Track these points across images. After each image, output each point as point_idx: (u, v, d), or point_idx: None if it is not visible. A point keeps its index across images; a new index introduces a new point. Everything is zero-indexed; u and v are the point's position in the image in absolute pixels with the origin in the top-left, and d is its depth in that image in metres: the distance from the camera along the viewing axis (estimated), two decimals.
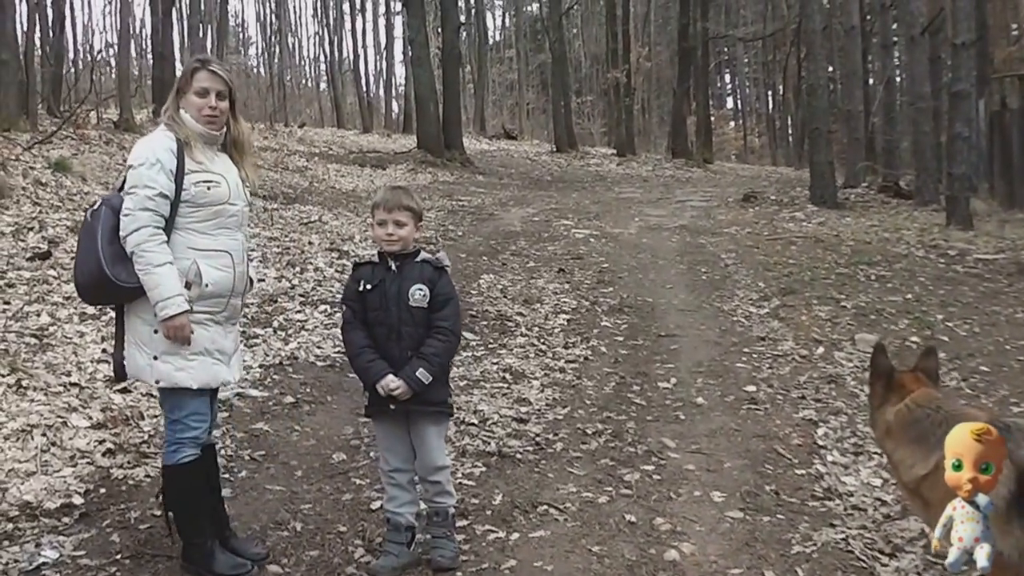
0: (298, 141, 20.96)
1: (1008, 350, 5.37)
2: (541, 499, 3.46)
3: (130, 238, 2.67)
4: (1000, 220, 11.45)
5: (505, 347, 5.74)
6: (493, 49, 43.07)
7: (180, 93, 2.84)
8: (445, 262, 2.99)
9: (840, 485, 3.55)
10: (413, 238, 2.95)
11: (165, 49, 16.76)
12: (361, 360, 2.91)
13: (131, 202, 2.69)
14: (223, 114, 2.86)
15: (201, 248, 2.76)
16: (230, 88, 2.88)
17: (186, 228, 2.76)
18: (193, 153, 2.77)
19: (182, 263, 2.72)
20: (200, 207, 2.76)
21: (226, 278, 2.81)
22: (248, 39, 46.59)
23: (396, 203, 2.92)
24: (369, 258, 3.06)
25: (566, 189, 17.39)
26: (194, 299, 2.73)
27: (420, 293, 2.89)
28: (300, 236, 8.83)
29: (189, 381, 2.76)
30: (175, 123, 2.81)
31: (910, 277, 7.69)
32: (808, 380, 4.99)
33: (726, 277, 8.06)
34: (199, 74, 2.82)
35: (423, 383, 2.84)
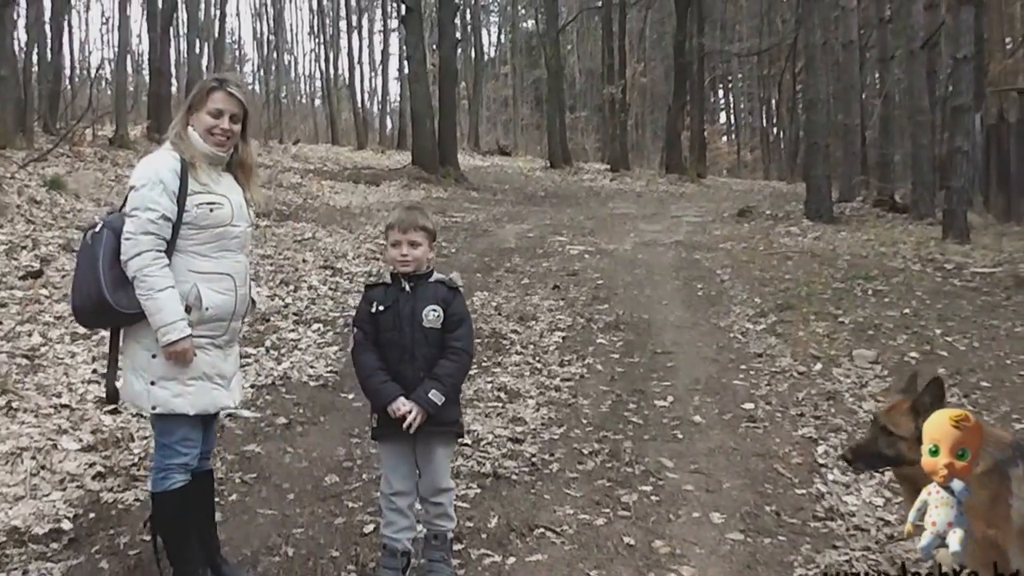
0: (292, 158, 21.00)
1: (1009, 365, 5.33)
2: (538, 521, 3.40)
3: (132, 262, 2.61)
4: (996, 233, 11.48)
5: (500, 365, 5.68)
6: (488, 65, 43.31)
7: (192, 110, 2.77)
8: (459, 282, 2.97)
9: (842, 505, 3.49)
10: (427, 258, 2.91)
11: (162, 65, 16.81)
12: (373, 382, 2.87)
13: (133, 225, 2.63)
14: (233, 136, 2.79)
15: (202, 271, 2.70)
16: (245, 111, 2.81)
17: (187, 251, 2.70)
18: (197, 174, 2.71)
19: (183, 286, 2.66)
20: (202, 229, 2.70)
21: (227, 301, 2.75)
22: (244, 56, 46.80)
23: (412, 223, 2.88)
24: (381, 279, 3.01)
25: (560, 205, 17.40)
26: (194, 323, 2.67)
27: (434, 314, 2.85)
28: (294, 254, 8.80)
29: (186, 407, 2.70)
30: (180, 141, 2.74)
31: (907, 291, 7.67)
32: (807, 397, 4.94)
33: (722, 293, 8.03)
34: (216, 94, 2.74)
35: (436, 404, 2.81)
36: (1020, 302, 7.21)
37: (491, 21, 49.63)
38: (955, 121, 11.72)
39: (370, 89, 42.58)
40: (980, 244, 10.40)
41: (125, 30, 17.37)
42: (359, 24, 39.46)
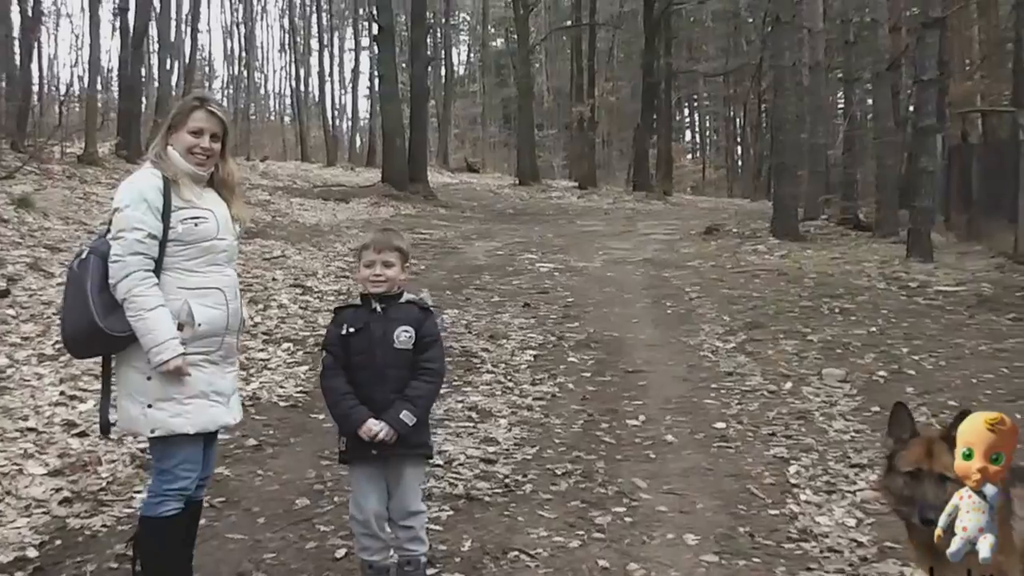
0: (261, 175, 20.85)
1: (975, 384, 5.43)
2: (512, 544, 3.37)
3: (120, 285, 2.58)
4: (959, 252, 11.75)
5: (471, 384, 5.65)
6: (458, 84, 43.58)
7: (172, 130, 2.76)
8: (430, 302, 2.98)
9: (815, 526, 3.51)
10: (399, 279, 2.91)
11: (133, 82, 16.64)
12: (342, 406, 2.84)
13: (119, 247, 2.60)
14: (214, 155, 2.79)
15: (192, 287, 2.68)
16: (225, 129, 2.82)
17: (175, 268, 2.67)
18: (180, 190, 2.69)
19: (173, 304, 2.63)
20: (189, 244, 2.68)
21: (219, 316, 2.72)
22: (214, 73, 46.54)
23: (386, 244, 2.89)
24: (351, 301, 3.00)
25: (529, 222, 17.46)
26: (188, 340, 2.63)
27: (406, 335, 2.84)
28: (263, 272, 8.70)
29: (186, 427, 2.65)
30: (161, 160, 2.73)
31: (874, 310, 7.81)
32: (777, 416, 4.98)
33: (692, 311, 8.09)
34: (197, 113, 2.75)
35: (407, 425, 2.79)
36: (983, 321, 7.39)
37: (461, 40, 50.06)
38: (920, 142, 12.02)
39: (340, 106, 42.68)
40: (943, 263, 10.64)
41: (95, 47, 17.25)
42: (330, 42, 39.59)
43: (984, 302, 8.15)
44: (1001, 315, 7.57)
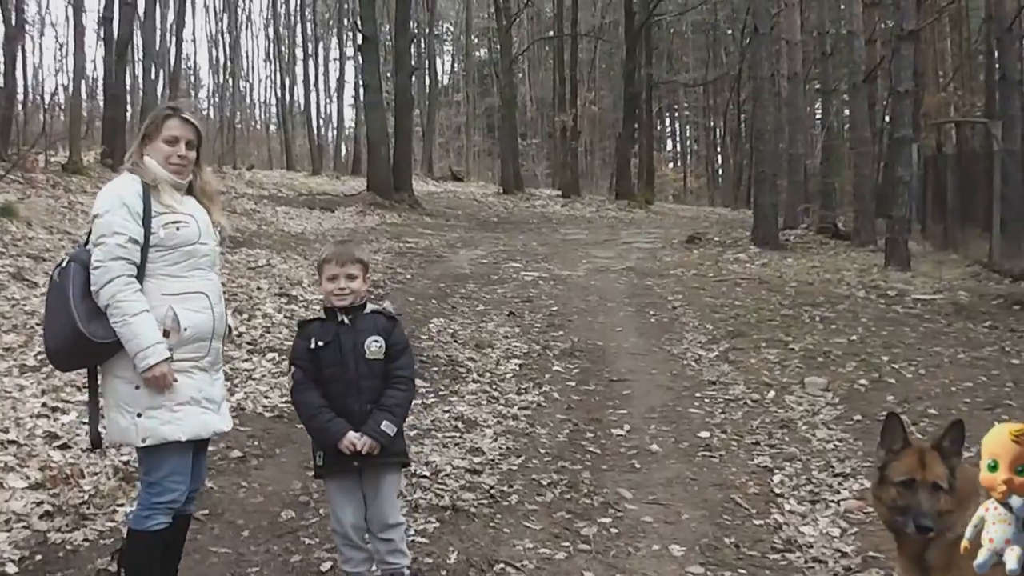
0: (247, 184, 20.75)
1: (954, 392, 5.49)
2: (498, 556, 3.36)
3: (103, 291, 2.57)
4: (935, 261, 11.90)
5: (456, 394, 5.64)
6: (441, 93, 43.77)
7: (147, 139, 2.76)
8: (393, 311, 3.00)
9: (799, 536, 3.53)
10: (363, 291, 2.93)
11: (118, 91, 16.55)
12: (319, 421, 2.83)
13: (100, 253, 2.58)
14: (190, 163, 2.80)
15: (176, 292, 2.67)
16: (200, 138, 2.82)
17: (158, 274, 2.66)
18: (160, 195, 2.70)
19: (158, 310, 2.62)
20: (171, 249, 2.68)
21: (205, 320, 2.71)
22: (200, 82, 46.39)
23: (348, 256, 2.91)
24: (315, 314, 3.02)
25: (513, 230, 17.50)
26: (174, 346, 2.63)
27: (376, 345, 2.86)
28: (248, 281, 8.64)
29: (178, 434, 2.63)
30: (139, 168, 2.72)
31: (853, 318, 7.88)
32: (761, 425, 5.02)
33: (674, 319, 8.13)
34: (170, 121, 2.75)
35: (389, 435, 2.81)
36: (960, 329, 7.47)
37: (445, 50, 50.27)
38: (896, 152, 12.18)
39: (325, 115, 42.68)
40: (920, 272, 10.77)
41: (80, 56, 17.16)
42: (315, 52, 39.66)
43: (961, 310, 8.25)
44: (978, 323, 7.67)
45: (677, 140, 51.75)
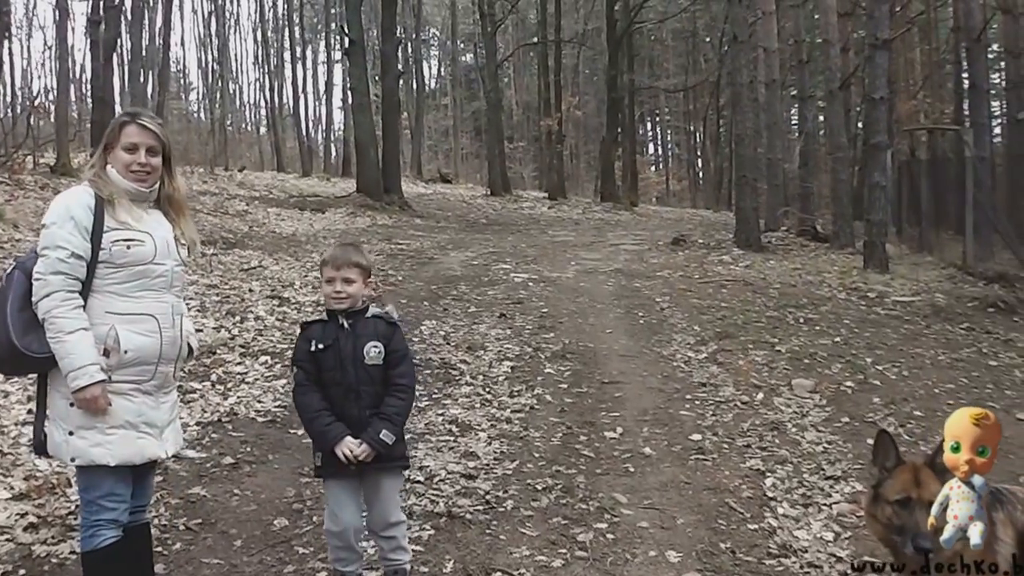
0: (238, 185, 20.68)
1: (938, 394, 5.57)
2: (494, 564, 3.35)
3: (41, 304, 2.48)
4: (911, 263, 12.06)
5: (450, 397, 5.63)
6: (429, 96, 43.88)
7: (108, 148, 2.66)
8: (395, 316, 2.97)
9: (794, 540, 3.54)
10: (362, 294, 2.91)
11: (106, 94, 16.42)
12: (319, 424, 2.83)
13: (43, 265, 2.50)
14: (155, 171, 2.68)
15: (121, 312, 2.56)
16: (164, 144, 2.71)
17: (104, 291, 2.56)
18: (116, 211, 2.58)
19: (100, 328, 2.52)
20: (120, 268, 2.57)
21: (150, 344, 2.60)
22: (189, 84, 46.12)
23: (345, 260, 2.88)
24: (318, 316, 2.99)
25: (502, 232, 17.50)
26: (113, 367, 2.53)
27: (375, 350, 2.85)
28: (240, 283, 8.58)
29: (107, 458, 2.53)
30: (99, 180, 2.63)
31: (836, 320, 7.96)
32: (751, 427, 5.04)
33: (663, 321, 8.16)
34: (128, 128, 2.65)
35: (388, 444, 2.80)
36: (939, 331, 7.58)
37: (432, 54, 50.41)
38: (872, 157, 12.30)
39: (314, 118, 42.68)
40: (898, 274, 10.91)
41: (67, 58, 17.00)
42: (303, 55, 39.68)
43: (939, 312, 8.38)
44: (955, 325, 7.80)
45: (658, 144, 52.12)
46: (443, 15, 44.50)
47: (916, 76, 25.85)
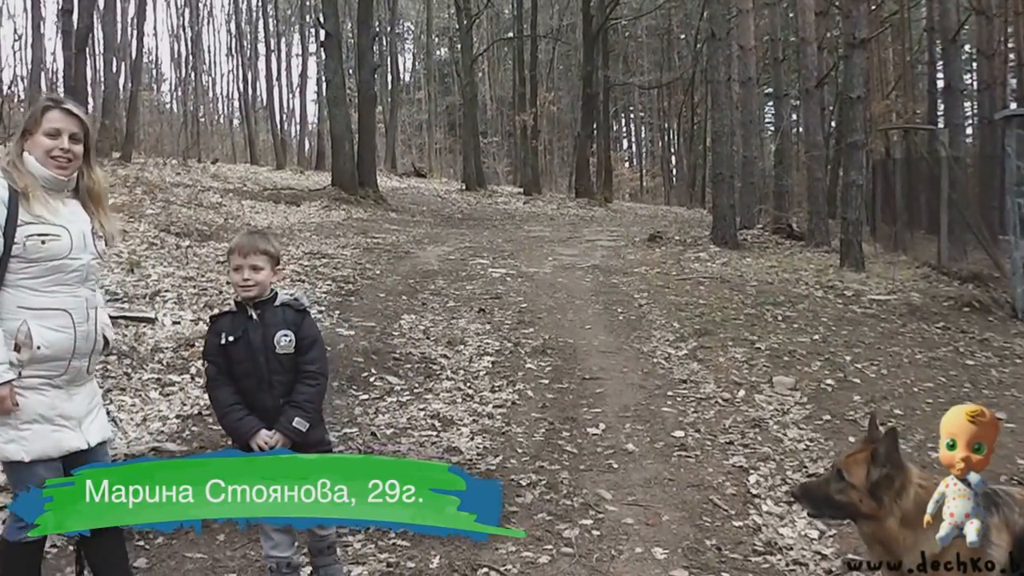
0: (212, 177, 20.38)
1: (916, 392, 5.63)
2: (480, 561, 3.32)
3: None
4: (886, 262, 12.21)
5: (431, 392, 5.59)
6: (403, 91, 43.68)
7: (27, 134, 2.55)
8: (305, 303, 2.95)
9: (779, 538, 3.55)
10: (270, 282, 2.89)
11: (78, 84, 16.11)
12: (231, 418, 2.81)
13: None
14: (76, 159, 2.58)
15: (33, 307, 2.48)
16: (87, 131, 2.61)
17: (17, 285, 2.47)
18: (30, 204, 2.47)
19: (11, 323, 2.44)
20: (33, 262, 2.48)
21: (63, 339, 2.52)
22: (162, 75, 45.40)
23: (252, 247, 2.85)
24: (227, 308, 2.95)
25: (477, 227, 17.47)
26: (25, 362, 2.45)
27: (286, 339, 2.83)
28: (218, 276, 8.43)
29: (20, 453, 2.46)
30: (14, 169, 2.51)
31: (814, 318, 8.03)
32: (733, 424, 5.06)
33: (641, 317, 8.18)
34: (51, 113, 2.55)
35: (301, 432, 2.80)
36: (915, 330, 7.67)
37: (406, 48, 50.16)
38: (849, 157, 12.43)
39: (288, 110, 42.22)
40: (874, 273, 11.04)
41: (39, 48, 16.77)
42: (277, 47, 39.27)
43: (915, 311, 8.48)
44: (931, 324, 7.89)
45: (632, 140, 52.33)
46: (418, 9, 44.32)
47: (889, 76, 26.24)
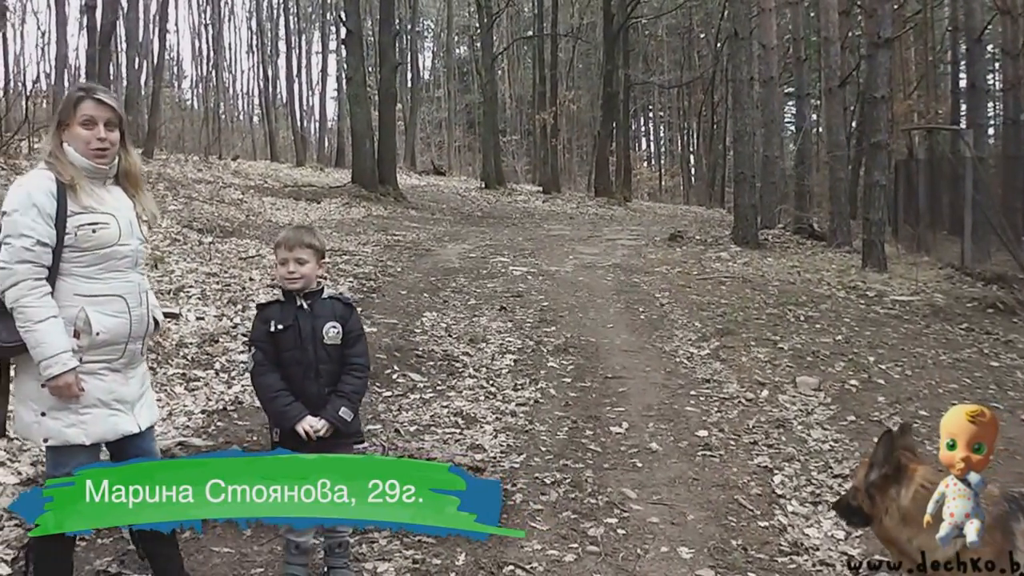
0: (233, 174, 20.57)
1: (941, 394, 5.58)
2: (506, 559, 3.33)
3: (8, 293, 2.45)
4: (909, 263, 12.08)
5: (454, 389, 5.61)
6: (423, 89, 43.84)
7: (63, 126, 2.58)
8: (350, 297, 3.10)
9: (804, 538, 3.54)
10: (316, 275, 2.99)
11: (101, 80, 16.29)
12: (278, 404, 2.90)
13: (7, 254, 2.45)
14: (113, 146, 2.62)
15: (89, 294, 2.54)
16: (120, 118, 2.65)
17: (71, 274, 2.52)
18: (78, 195, 2.52)
19: (69, 311, 2.49)
20: (86, 251, 2.53)
21: (120, 324, 2.59)
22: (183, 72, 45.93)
23: (297, 241, 2.95)
24: (275, 297, 3.06)
25: (497, 225, 17.50)
26: (84, 348, 2.51)
27: (334, 330, 2.94)
28: (240, 272, 8.52)
29: (81, 437, 2.53)
30: (56, 161, 2.54)
31: (836, 318, 7.96)
32: (757, 424, 5.04)
33: (663, 317, 8.16)
34: (84, 103, 2.58)
35: (346, 421, 2.90)
36: (939, 331, 7.60)
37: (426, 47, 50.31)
38: (872, 156, 12.30)
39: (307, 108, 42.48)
40: (896, 273, 10.93)
41: (62, 44, 16.93)
42: (297, 45, 39.53)
43: (938, 312, 8.39)
44: (955, 325, 7.81)
45: (651, 140, 52.15)
46: (438, 7, 44.41)
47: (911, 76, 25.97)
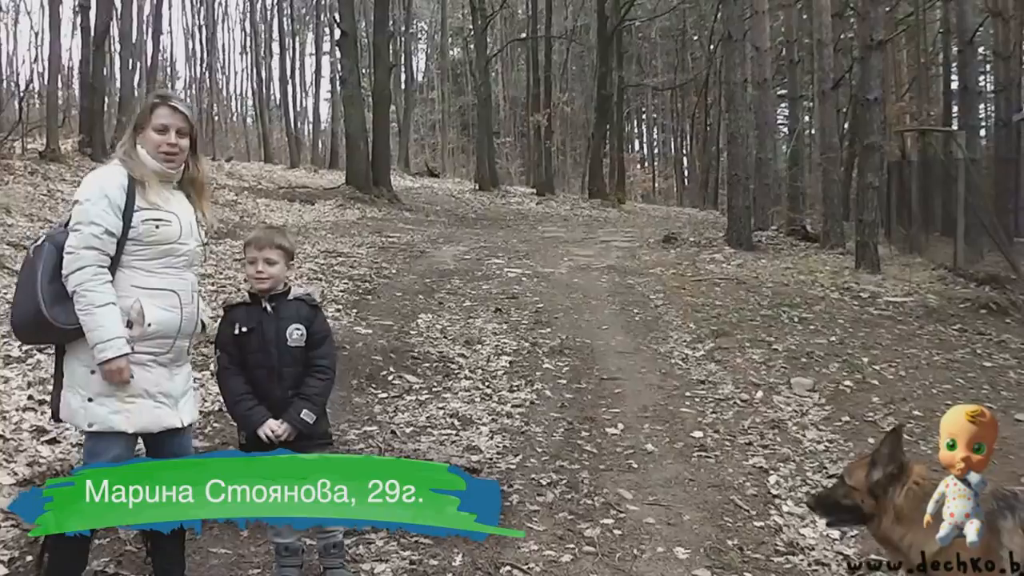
0: (227, 175, 20.56)
1: (935, 394, 5.61)
2: (503, 559, 3.33)
3: (72, 276, 2.56)
4: (902, 264, 12.14)
5: (450, 391, 5.62)
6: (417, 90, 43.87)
7: (138, 129, 2.74)
8: (317, 298, 3.05)
9: (800, 538, 3.55)
10: (284, 276, 2.99)
11: (95, 81, 16.28)
12: (241, 408, 2.91)
13: (75, 239, 2.57)
14: (183, 152, 2.76)
15: (146, 287, 2.65)
16: (192, 126, 2.79)
17: (131, 266, 2.65)
18: (146, 192, 2.67)
19: (125, 301, 2.60)
20: (147, 245, 2.66)
21: (172, 319, 2.69)
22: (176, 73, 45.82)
23: (267, 241, 2.98)
24: (241, 299, 3.06)
25: (492, 227, 17.52)
26: (136, 339, 2.60)
27: (298, 332, 2.94)
28: (235, 273, 8.51)
29: (125, 425, 2.61)
30: (130, 159, 2.70)
31: (830, 319, 7.99)
32: (752, 425, 5.06)
33: (658, 318, 8.18)
34: (159, 110, 2.73)
35: (308, 423, 2.89)
36: (932, 332, 7.63)
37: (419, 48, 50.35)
38: (866, 158, 12.35)
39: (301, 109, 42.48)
40: (889, 275, 10.97)
41: (56, 45, 16.92)
42: (291, 46, 39.52)
43: (931, 313, 8.43)
44: (948, 326, 7.85)
45: (645, 142, 52.27)
46: (432, 8, 44.40)
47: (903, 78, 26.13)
